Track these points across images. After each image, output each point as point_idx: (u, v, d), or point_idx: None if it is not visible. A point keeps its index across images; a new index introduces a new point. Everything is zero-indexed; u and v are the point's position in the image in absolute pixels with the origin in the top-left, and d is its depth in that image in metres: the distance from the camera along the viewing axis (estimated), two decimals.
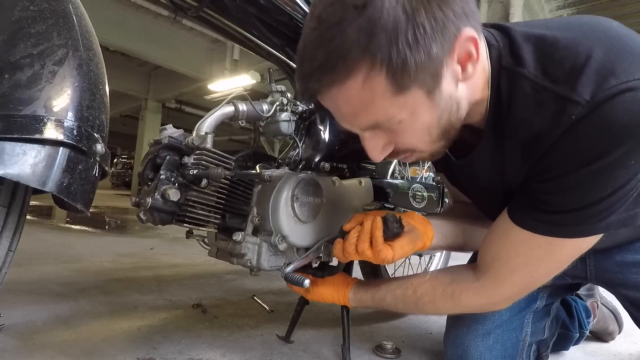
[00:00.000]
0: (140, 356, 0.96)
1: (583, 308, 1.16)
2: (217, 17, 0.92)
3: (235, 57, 7.25)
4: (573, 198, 0.57)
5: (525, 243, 0.65)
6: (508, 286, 0.70)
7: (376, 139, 0.61)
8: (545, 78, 0.55)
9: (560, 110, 0.53)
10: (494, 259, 0.71)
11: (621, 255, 0.80)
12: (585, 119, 0.51)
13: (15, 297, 1.33)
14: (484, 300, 0.73)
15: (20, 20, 0.58)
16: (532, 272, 0.67)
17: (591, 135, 0.51)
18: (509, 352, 0.89)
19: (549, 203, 0.60)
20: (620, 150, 0.51)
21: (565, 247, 0.63)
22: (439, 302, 0.77)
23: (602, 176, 0.54)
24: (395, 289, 0.82)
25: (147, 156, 0.77)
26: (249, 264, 0.88)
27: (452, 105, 0.58)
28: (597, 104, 0.50)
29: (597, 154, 0.52)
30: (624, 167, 0.53)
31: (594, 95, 0.50)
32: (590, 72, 0.51)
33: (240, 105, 0.89)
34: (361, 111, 0.56)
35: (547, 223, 0.61)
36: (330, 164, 1.04)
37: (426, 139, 0.61)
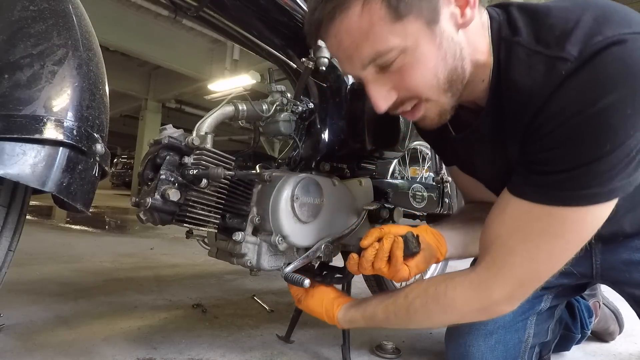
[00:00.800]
0: (140, 356, 0.96)
1: (585, 308, 1.15)
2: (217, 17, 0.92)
3: (235, 57, 7.25)
4: (569, 154, 0.55)
5: (524, 215, 0.60)
6: (507, 274, 0.63)
7: (379, 82, 0.62)
8: (538, 44, 0.56)
9: (550, 68, 0.54)
10: (492, 240, 0.65)
11: (628, 253, 0.79)
12: (574, 74, 0.52)
13: (15, 297, 1.33)
14: (480, 295, 0.66)
15: (20, 20, 0.58)
16: (532, 251, 0.61)
17: (581, 86, 0.52)
18: (511, 353, 0.88)
19: (544, 162, 0.58)
20: (612, 96, 0.50)
21: (566, 219, 0.58)
22: (431, 305, 0.70)
23: (597, 126, 0.52)
24: (386, 300, 0.77)
25: (147, 156, 0.77)
26: (249, 264, 0.88)
27: (455, 49, 0.60)
28: (585, 59, 0.51)
29: (589, 102, 0.51)
30: (620, 118, 0.51)
31: (581, 51, 0.52)
32: (579, 33, 0.53)
33: (240, 105, 0.89)
34: (361, 41, 0.58)
35: (543, 187, 0.58)
36: (330, 164, 1.04)
37: (432, 83, 0.61)
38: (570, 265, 0.86)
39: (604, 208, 0.57)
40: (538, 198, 0.59)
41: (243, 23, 0.94)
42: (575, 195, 0.56)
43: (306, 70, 0.94)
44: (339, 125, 1.06)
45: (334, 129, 1.05)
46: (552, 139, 0.56)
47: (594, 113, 0.51)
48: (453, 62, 0.60)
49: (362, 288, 1.66)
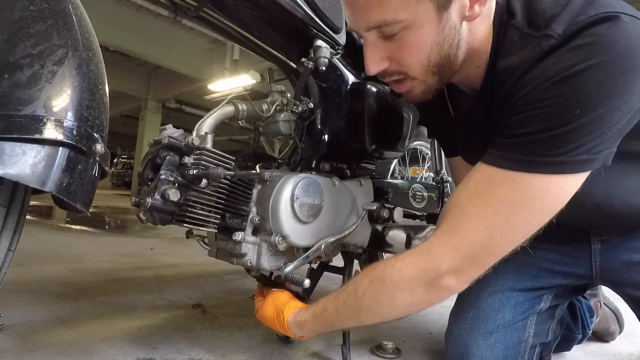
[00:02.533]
0: (140, 356, 0.96)
1: (587, 308, 1.15)
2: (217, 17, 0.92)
3: (235, 57, 7.25)
4: (538, 115, 0.54)
5: (487, 180, 0.59)
6: (459, 241, 0.59)
7: (377, 47, 0.64)
8: (530, 27, 0.59)
9: (535, 45, 0.56)
10: (452, 205, 0.63)
11: (628, 254, 0.79)
12: (556, 48, 0.54)
13: (15, 297, 1.33)
14: (429, 264, 0.60)
15: (19, 20, 0.58)
16: (490, 217, 0.57)
17: (559, 56, 0.54)
18: (511, 353, 0.88)
19: (514, 126, 0.57)
20: (587, 63, 0.51)
21: (528, 186, 0.55)
22: (377, 282, 0.65)
23: (568, 88, 0.52)
24: (337, 292, 0.74)
25: (147, 156, 0.77)
26: (249, 264, 0.88)
27: (454, 38, 0.62)
28: (568, 35, 0.53)
29: (563, 68, 0.53)
30: (593, 83, 0.51)
31: (565, 29, 0.54)
32: (566, 14, 0.55)
33: (240, 105, 0.89)
34: (374, 5, 0.59)
35: (509, 150, 0.57)
36: (330, 164, 1.04)
37: (423, 63, 0.64)
38: (570, 266, 0.86)
39: (569, 181, 0.55)
40: (503, 163, 0.58)
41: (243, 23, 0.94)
42: (539, 161, 0.55)
43: (306, 70, 0.93)
44: (339, 125, 1.06)
45: (334, 129, 1.05)
46: (523, 102, 0.57)
47: (567, 75, 0.52)
48: (448, 49, 0.63)
49: None
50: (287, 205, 0.86)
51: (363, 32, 0.64)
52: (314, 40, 0.94)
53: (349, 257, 1.13)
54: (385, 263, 0.67)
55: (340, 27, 0.98)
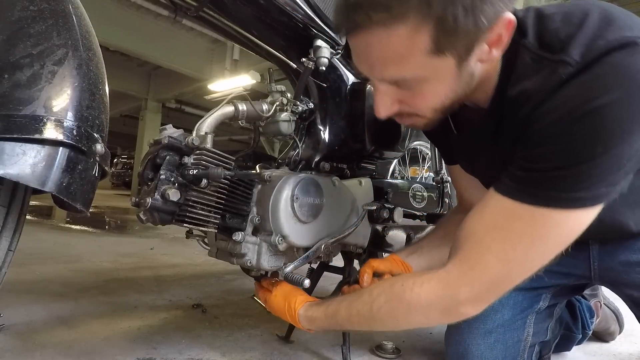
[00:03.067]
0: (140, 356, 0.96)
1: (587, 308, 1.15)
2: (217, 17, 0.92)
3: (235, 57, 7.25)
4: (558, 151, 0.53)
5: (505, 213, 0.58)
6: (478, 271, 0.60)
7: (389, 95, 0.61)
8: (542, 49, 0.56)
9: (552, 72, 0.54)
10: (468, 235, 0.63)
11: (626, 255, 0.79)
12: (574, 77, 0.52)
13: (15, 297, 1.33)
14: (447, 292, 0.62)
15: (20, 20, 0.58)
16: (509, 252, 0.58)
17: (579, 87, 0.52)
18: (510, 352, 0.88)
19: (532, 159, 0.56)
20: (609, 97, 0.50)
21: (548, 221, 0.56)
22: (395, 302, 0.66)
23: (590, 125, 0.51)
24: (350, 296, 0.75)
25: (147, 156, 0.77)
26: (249, 264, 0.88)
27: (470, 82, 0.60)
28: (587, 62, 0.51)
29: (584, 100, 0.51)
30: (615, 120, 0.50)
31: (583, 55, 0.51)
32: (582, 36, 0.52)
33: (240, 105, 0.89)
34: (393, 62, 0.55)
35: (528, 185, 0.56)
36: (330, 164, 1.04)
37: (436, 108, 0.62)
38: (569, 266, 0.87)
39: (587, 214, 0.56)
40: (521, 196, 0.57)
41: (243, 23, 0.94)
42: (559, 197, 0.55)
43: (306, 70, 0.93)
44: (339, 125, 1.06)
45: (334, 129, 1.05)
46: (543, 135, 0.55)
47: (588, 111, 0.50)
48: (463, 92, 0.61)
49: None
50: (287, 205, 0.86)
51: (373, 79, 0.61)
52: (314, 40, 0.94)
53: (349, 257, 1.13)
54: (403, 283, 0.67)
55: None
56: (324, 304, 0.79)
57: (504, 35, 0.54)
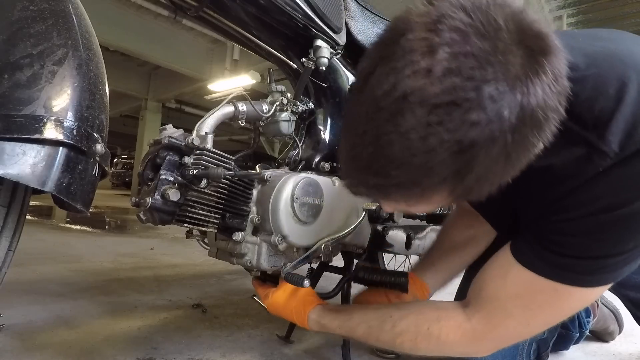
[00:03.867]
0: (140, 356, 0.96)
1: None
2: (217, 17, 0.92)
3: (235, 57, 7.25)
4: (590, 245, 0.54)
5: (528, 285, 0.60)
6: (501, 332, 0.64)
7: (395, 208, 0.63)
8: (571, 119, 0.49)
9: (587, 158, 0.51)
10: (491, 298, 0.65)
11: None
12: (612, 170, 0.50)
13: (15, 297, 1.33)
14: (471, 344, 0.67)
15: (20, 20, 0.58)
16: (530, 319, 0.62)
17: (617, 184, 0.50)
18: (510, 351, 0.88)
19: (563, 245, 0.56)
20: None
21: (571, 296, 0.58)
22: (421, 342, 0.69)
23: (625, 227, 0.51)
24: (371, 320, 0.74)
25: (147, 156, 0.77)
26: (249, 264, 0.88)
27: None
28: (625, 157, 0.49)
29: (621, 202, 0.50)
30: None
31: (623, 147, 0.48)
32: (621, 118, 0.49)
33: (240, 105, 0.89)
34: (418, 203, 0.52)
35: (556, 267, 0.57)
36: (330, 164, 1.04)
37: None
38: None
39: (606, 287, 0.59)
40: (547, 273, 0.58)
41: (243, 23, 0.94)
42: (584, 279, 0.56)
43: (306, 70, 0.93)
44: (339, 125, 1.06)
45: (334, 129, 1.05)
46: (575, 227, 0.55)
47: (624, 214, 0.50)
48: None
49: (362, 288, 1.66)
50: (287, 205, 0.85)
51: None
52: (314, 40, 0.94)
53: (349, 257, 1.13)
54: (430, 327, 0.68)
55: (341, 27, 0.98)
56: (339, 316, 0.78)
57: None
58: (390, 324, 0.71)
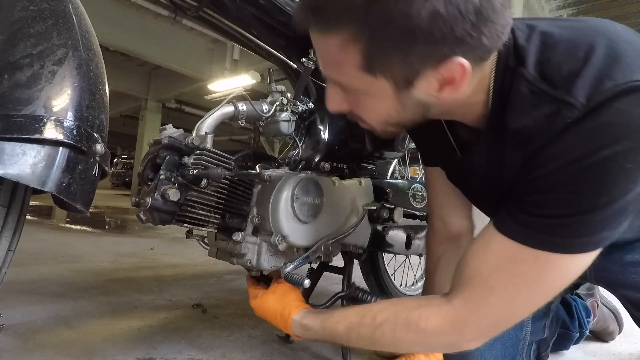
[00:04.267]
0: (140, 356, 0.96)
1: (583, 307, 1.16)
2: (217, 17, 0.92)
3: (235, 57, 7.25)
4: (564, 200, 0.53)
5: (509, 255, 0.59)
6: (484, 313, 0.61)
7: (337, 94, 0.61)
8: (543, 81, 0.53)
9: (555, 112, 0.52)
10: (472, 275, 0.63)
11: (620, 255, 0.78)
12: (579, 122, 0.50)
13: (15, 297, 1.33)
14: (454, 330, 0.63)
15: (20, 20, 0.58)
16: (513, 295, 0.59)
17: (585, 135, 0.50)
18: (509, 351, 0.88)
19: (537, 204, 0.56)
20: (615, 148, 0.49)
21: (552, 265, 0.56)
22: (400, 332, 0.66)
23: (597, 176, 0.51)
24: (352, 316, 0.73)
25: (147, 156, 0.77)
26: (249, 264, 0.88)
27: (419, 108, 0.58)
28: (593, 108, 0.49)
29: (591, 150, 0.50)
30: (621, 170, 0.50)
31: (589, 98, 0.49)
32: (587, 75, 0.50)
33: (240, 105, 0.89)
34: (331, 65, 0.57)
35: (534, 230, 0.56)
36: (330, 164, 1.04)
37: (380, 122, 0.62)
38: None
39: (589, 256, 0.56)
40: (526, 240, 0.57)
41: (243, 23, 0.94)
42: (564, 243, 0.55)
43: (306, 70, 0.94)
44: (338, 125, 1.06)
45: (334, 129, 1.05)
46: (548, 182, 0.54)
47: (594, 162, 0.50)
48: (412, 116, 0.60)
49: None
50: (287, 205, 0.86)
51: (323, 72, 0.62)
52: None
53: (349, 257, 1.13)
54: (408, 315, 0.66)
55: None
56: (321, 316, 0.77)
57: (458, 79, 0.52)
58: (370, 318, 0.70)
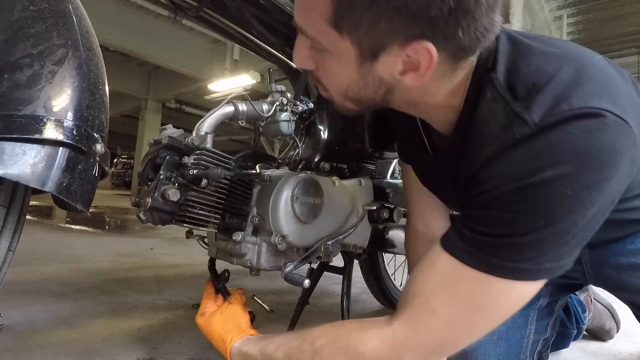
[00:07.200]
0: (140, 356, 0.96)
1: (578, 303, 1.16)
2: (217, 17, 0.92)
3: (235, 57, 7.25)
4: (501, 219, 0.52)
5: (451, 275, 0.57)
6: (424, 336, 0.59)
7: (305, 48, 0.59)
8: (508, 90, 0.53)
9: (509, 125, 0.51)
10: (415, 295, 0.60)
11: (616, 258, 0.76)
12: (527, 140, 0.50)
13: (15, 297, 1.33)
14: (393, 352, 0.60)
15: (20, 20, 0.58)
16: (453, 317, 0.57)
17: (529, 153, 0.50)
18: (514, 350, 0.88)
19: (478, 221, 0.55)
20: (554, 172, 0.48)
21: (491, 288, 0.54)
22: (338, 356, 0.62)
23: (533, 198, 0.50)
24: (291, 341, 0.68)
25: (147, 156, 0.77)
26: (249, 264, 0.88)
27: (381, 90, 0.57)
28: (543, 127, 0.49)
29: (530, 171, 0.49)
30: (558, 196, 0.49)
31: (543, 117, 0.49)
32: (549, 93, 0.50)
33: (240, 105, 0.89)
34: (302, 10, 0.55)
35: (473, 247, 0.55)
36: (330, 164, 1.04)
37: (340, 92, 0.60)
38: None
39: (530, 287, 0.55)
40: (466, 259, 0.55)
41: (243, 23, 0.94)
42: (501, 265, 0.53)
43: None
44: (338, 125, 1.06)
45: (334, 129, 1.05)
46: (489, 199, 0.53)
47: (533, 183, 0.49)
48: (372, 95, 0.58)
49: (363, 287, 1.66)
50: (287, 205, 0.86)
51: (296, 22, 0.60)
52: None
53: (349, 257, 1.13)
54: (348, 338, 0.63)
55: None
56: (262, 342, 0.74)
57: (423, 68, 0.51)
58: (309, 342, 0.65)
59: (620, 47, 5.71)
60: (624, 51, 5.79)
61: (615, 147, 0.48)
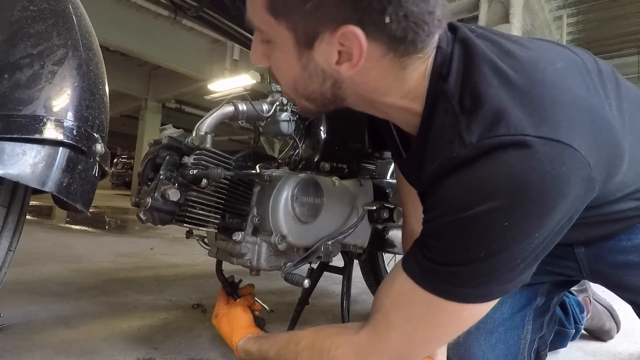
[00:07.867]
0: (140, 356, 0.96)
1: (576, 303, 1.16)
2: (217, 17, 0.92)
3: (235, 57, 7.25)
4: (447, 248, 0.53)
5: (407, 295, 0.59)
6: (385, 346, 0.62)
7: (256, 43, 0.60)
8: (458, 103, 0.52)
9: (451, 142, 0.51)
10: (378, 308, 0.64)
11: (612, 256, 0.76)
12: (467, 166, 0.49)
13: (15, 297, 1.33)
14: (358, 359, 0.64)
15: (20, 20, 0.58)
16: (410, 334, 0.59)
17: (465, 186, 0.50)
18: (512, 351, 0.88)
19: (429, 248, 0.56)
20: (490, 205, 0.48)
21: (443, 311, 0.56)
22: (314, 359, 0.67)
23: (472, 230, 0.50)
24: (281, 342, 0.75)
25: (147, 156, 0.77)
26: (249, 264, 0.88)
27: (326, 81, 0.57)
28: (479, 152, 0.48)
29: (468, 203, 0.49)
30: (496, 227, 0.48)
31: (480, 137, 0.48)
32: (488, 110, 0.49)
33: (240, 105, 0.89)
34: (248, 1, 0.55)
35: (426, 271, 0.56)
36: (330, 164, 1.04)
37: (290, 87, 0.61)
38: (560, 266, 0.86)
39: (481, 308, 0.56)
40: (420, 282, 0.57)
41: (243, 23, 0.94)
42: (451, 290, 0.54)
43: None
44: (339, 125, 1.06)
45: (334, 129, 1.05)
46: (435, 227, 0.54)
47: (469, 217, 0.49)
48: (319, 88, 0.58)
49: (363, 287, 1.66)
50: (287, 205, 0.86)
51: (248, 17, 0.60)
52: None
53: (349, 257, 1.13)
54: (324, 342, 0.67)
55: None
56: (259, 340, 0.81)
57: (356, 57, 0.50)
58: (295, 343, 0.71)
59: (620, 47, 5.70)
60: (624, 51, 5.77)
61: (557, 175, 0.47)
